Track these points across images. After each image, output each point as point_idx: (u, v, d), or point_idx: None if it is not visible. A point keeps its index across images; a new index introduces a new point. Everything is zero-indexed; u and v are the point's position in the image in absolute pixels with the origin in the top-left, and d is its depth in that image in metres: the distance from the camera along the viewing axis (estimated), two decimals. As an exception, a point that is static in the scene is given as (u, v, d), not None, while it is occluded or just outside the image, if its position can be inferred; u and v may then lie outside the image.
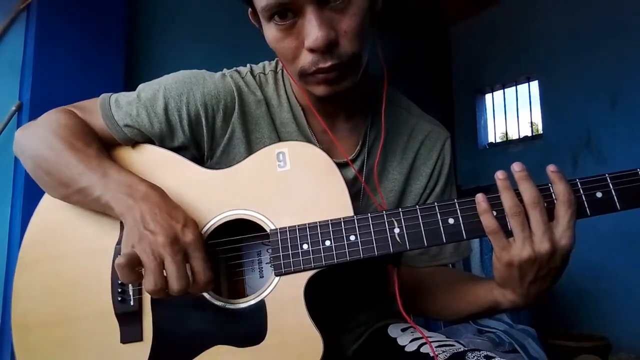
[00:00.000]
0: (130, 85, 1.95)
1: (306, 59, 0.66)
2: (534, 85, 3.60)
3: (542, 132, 3.46)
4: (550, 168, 0.60)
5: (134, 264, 0.58)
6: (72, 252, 0.72)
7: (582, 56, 3.12)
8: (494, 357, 0.63)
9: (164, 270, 0.59)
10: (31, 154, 0.72)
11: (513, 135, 3.86)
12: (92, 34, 1.95)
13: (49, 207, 0.75)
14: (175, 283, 0.58)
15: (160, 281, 0.58)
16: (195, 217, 0.67)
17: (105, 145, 0.76)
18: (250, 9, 0.72)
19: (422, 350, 0.70)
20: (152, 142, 0.76)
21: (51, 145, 0.70)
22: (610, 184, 0.60)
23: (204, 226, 0.68)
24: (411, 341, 0.73)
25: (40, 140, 0.72)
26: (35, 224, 0.75)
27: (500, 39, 3.68)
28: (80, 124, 0.74)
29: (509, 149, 3.68)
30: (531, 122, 3.74)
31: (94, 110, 0.76)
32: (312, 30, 0.62)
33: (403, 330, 0.78)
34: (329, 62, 0.64)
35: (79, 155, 0.68)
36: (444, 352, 0.67)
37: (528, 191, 0.59)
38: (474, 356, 0.64)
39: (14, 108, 1.73)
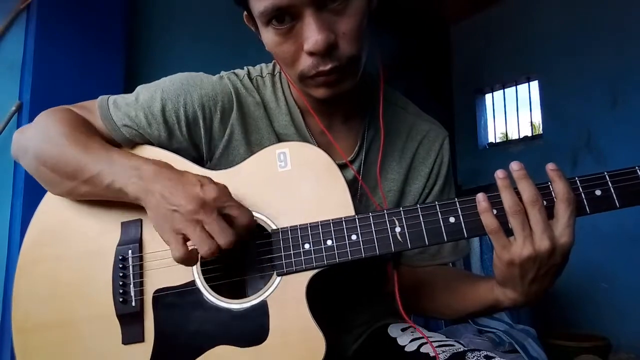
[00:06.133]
0: (130, 85, 1.94)
1: (306, 62, 0.65)
2: (534, 85, 3.59)
3: (542, 132, 3.46)
4: (550, 166, 0.60)
5: (186, 248, 0.60)
6: (72, 253, 0.72)
7: (582, 56, 3.12)
8: (494, 357, 0.63)
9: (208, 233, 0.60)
10: (34, 152, 0.72)
11: (513, 135, 3.87)
12: (92, 34, 1.95)
13: (48, 209, 0.74)
14: (222, 238, 0.60)
15: (212, 244, 0.59)
16: None
17: None
18: (245, 13, 0.71)
19: (422, 350, 0.70)
20: (151, 144, 0.76)
21: (54, 140, 0.70)
22: (609, 182, 0.60)
23: None
24: (411, 341, 0.73)
25: (42, 137, 0.71)
26: (35, 226, 0.75)
27: (500, 39, 3.68)
28: (80, 118, 0.74)
29: (509, 149, 3.68)
30: (531, 122, 3.75)
31: (93, 110, 0.76)
32: (312, 34, 0.62)
33: (403, 330, 0.78)
34: (329, 64, 0.64)
35: (83, 146, 0.68)
36: (443, 352, 0.67)
37: (527, 190, 0.59)
38: (474, 356, 0.64)
39: (14, 108, 1.73)
